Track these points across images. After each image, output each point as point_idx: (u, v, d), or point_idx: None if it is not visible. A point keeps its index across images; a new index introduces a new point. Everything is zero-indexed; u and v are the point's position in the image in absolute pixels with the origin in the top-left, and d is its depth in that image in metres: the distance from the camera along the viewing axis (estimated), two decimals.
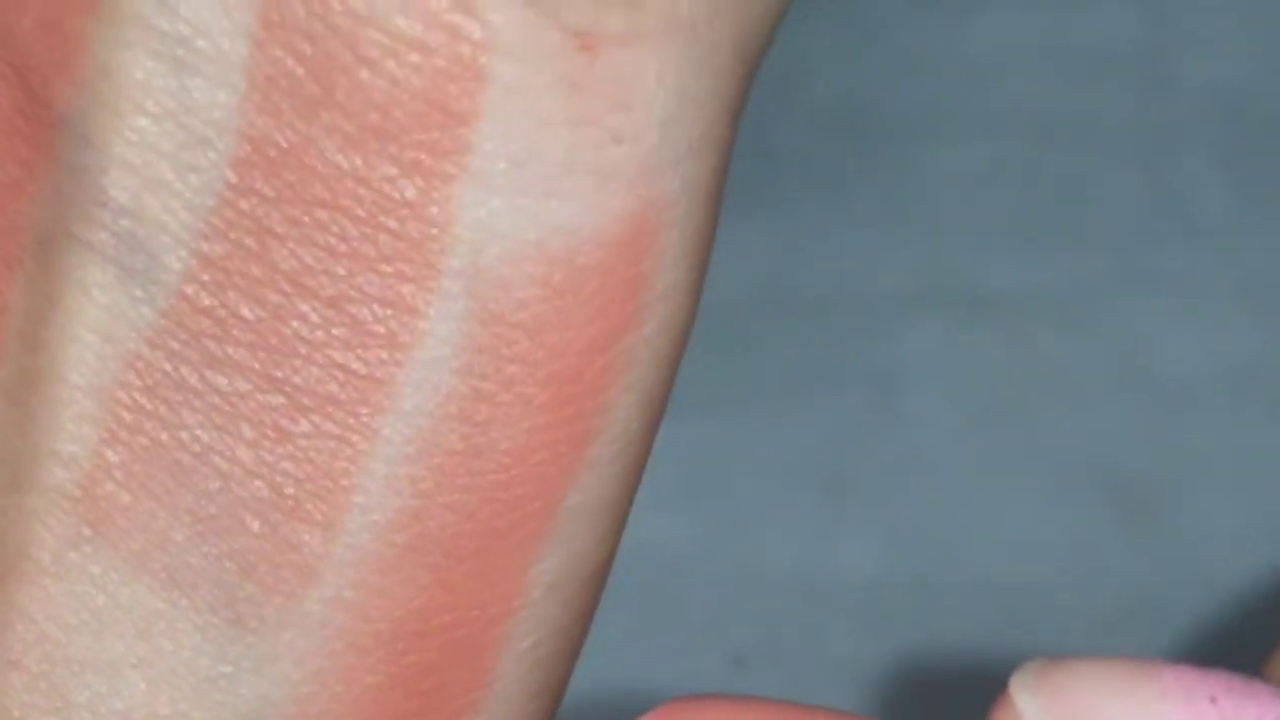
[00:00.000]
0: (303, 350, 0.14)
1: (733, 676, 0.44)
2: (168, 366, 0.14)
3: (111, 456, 0.14)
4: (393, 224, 0.13)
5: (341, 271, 0.14)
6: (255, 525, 0.14)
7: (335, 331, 0.14)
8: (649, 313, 0.15)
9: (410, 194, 0.13)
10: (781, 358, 0.47)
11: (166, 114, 0.13)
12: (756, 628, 0.45)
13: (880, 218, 0.48)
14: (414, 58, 0.13)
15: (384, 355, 0.14)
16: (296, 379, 0.14)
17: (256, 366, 0.14)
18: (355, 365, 0.14)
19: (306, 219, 0.13)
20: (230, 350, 0.14)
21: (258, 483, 0.14)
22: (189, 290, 0.14)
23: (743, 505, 0.46)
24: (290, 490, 0.14)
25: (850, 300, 0.47)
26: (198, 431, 0.14)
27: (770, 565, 0.46)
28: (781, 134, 0.49)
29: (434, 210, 0.13)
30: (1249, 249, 0.48)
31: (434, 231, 0.13)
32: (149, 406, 0.14)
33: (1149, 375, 0.47)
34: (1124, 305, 0.47)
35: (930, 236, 0.48)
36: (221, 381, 0.14)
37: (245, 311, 0.14)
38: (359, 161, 0.13)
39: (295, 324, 0.14)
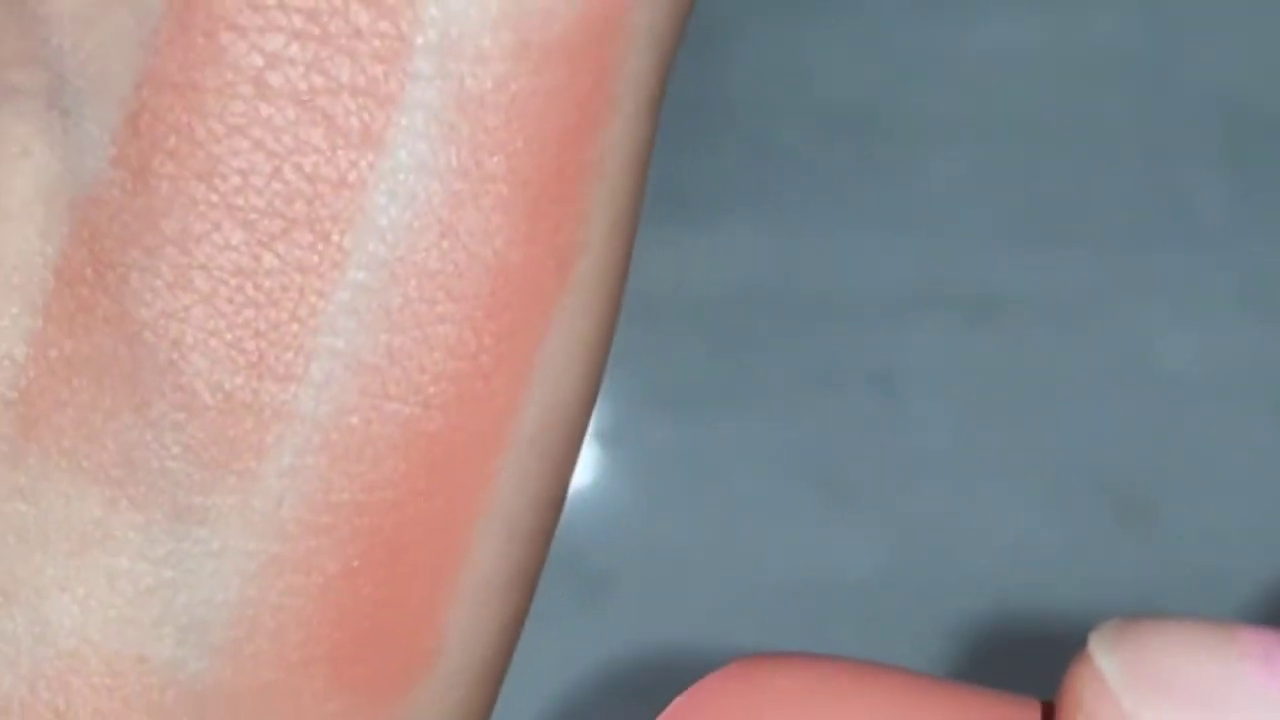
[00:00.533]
0: (267, 166, 0.12)
1: None
2: (115, 223, 0.12)
3: (50, 346, 0.12)
4: (356, 52, 0.12)
5: (308, 57, 0.12)
6: (207, 395, 0.12)
7: (303, 133, 0.12)
8: (618, 107, 0.13)
9: (384, 26, 0.12)
10: (782, 358, 0.47)
11: None
12: (756, 627, 0.45)
13: (882, 219, 0.48)
14: None
15: (356, 157, 0.12)
16: (259, 202, 0.12)
17: (214, 199, 0.12)
18: (324, 170, 0.12)
19: (262, 22, 0.12)
20: (182, 185, 0.12)
21: (213, 342, 0.12)
22: (137, 119, 0.12)
23: (743, 505, 0.46)
24: (250, 344, 0.12)
25: (851, 301, 0.48)
26: (146, 295, 0.12)
27: (770, 565, 0.46)
28: (783, 136, 0.49)
29: (401, 44, 0.12)
30: (1248, 251, 0.48)
31: (404, 17, 0.12)
32: (92, 276, 0.12)
33: (1148, 376, 0.47)
34: (1124, 307, 0.47)
35: (931, 238, 0.48)
36: (173, 226, 0.12)
37: (200, 130, 0.12)
38: None
39: (258, 132, 0.12)
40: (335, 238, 0.12)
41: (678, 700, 0.14)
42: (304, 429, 0.12)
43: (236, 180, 0.12)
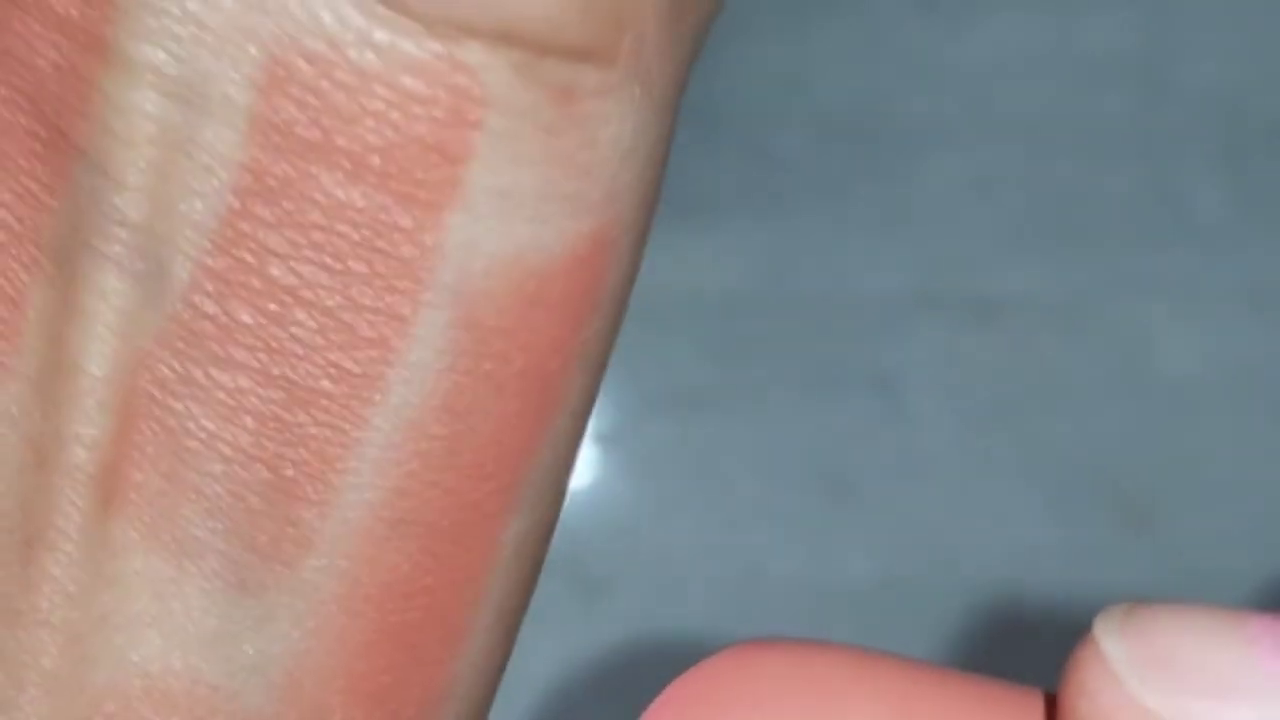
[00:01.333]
0: (300, 351, 0.15)
1: None
2: (176, 364, 0.15)
3: (126, 441, 0.15)
4: (386, 246, 0.15)
5: (336, 285, 0.15)
6: (256, 503, 0.15)
7: (330, 336, 0.15)
8: (602, 309, 0.16)
9: (405, 222, 0.15)
10: (783, 360, 0.47)
11: (174, 146, 0.15)
12: (756, 628, 0.45)
13: (882, 221, 0.48)
14: (418, 110, 0.15)
15: (375, 356, 0.15)
16: (294, 375, 0.15)
17: (256, 365, 0.15)
18: (349, 365, 0.15)
19: (303, 240, 0.15)
20: (233, 351, 0.15)
21: (258, 466, 0.15)
22: (195, 298, 0.15)
23: (743, 505, 0.47)
24: (289, 473, 0.15)
25: (852, 303, 0.48)
26: (204, 421, 0.15)
27: (770, 565, 0.46)
28: (784, 139, 0.49)
29: (426, 236, 0.15)
30: (1248, 253, 0.48)
31: (425, 253, 0.15)
32: (159, 397, 0.15)
33: (1148, 378, 0.47)
34: (1124, 308, 0.48)
35: (931, 240, 0.48)
36: (225, 378, 0.15)
37: (246, 318, 0.15)
38: (356, 194, 0.15)
39: (293, 329, 0.15)
40: (358, 409, 0.15)
41: (674, 683, 0.14)
42: (334, 542, 0.16)
43: (278, 357, 0.15)
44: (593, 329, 0.16)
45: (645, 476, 0.47)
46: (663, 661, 0.45)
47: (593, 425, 0.47)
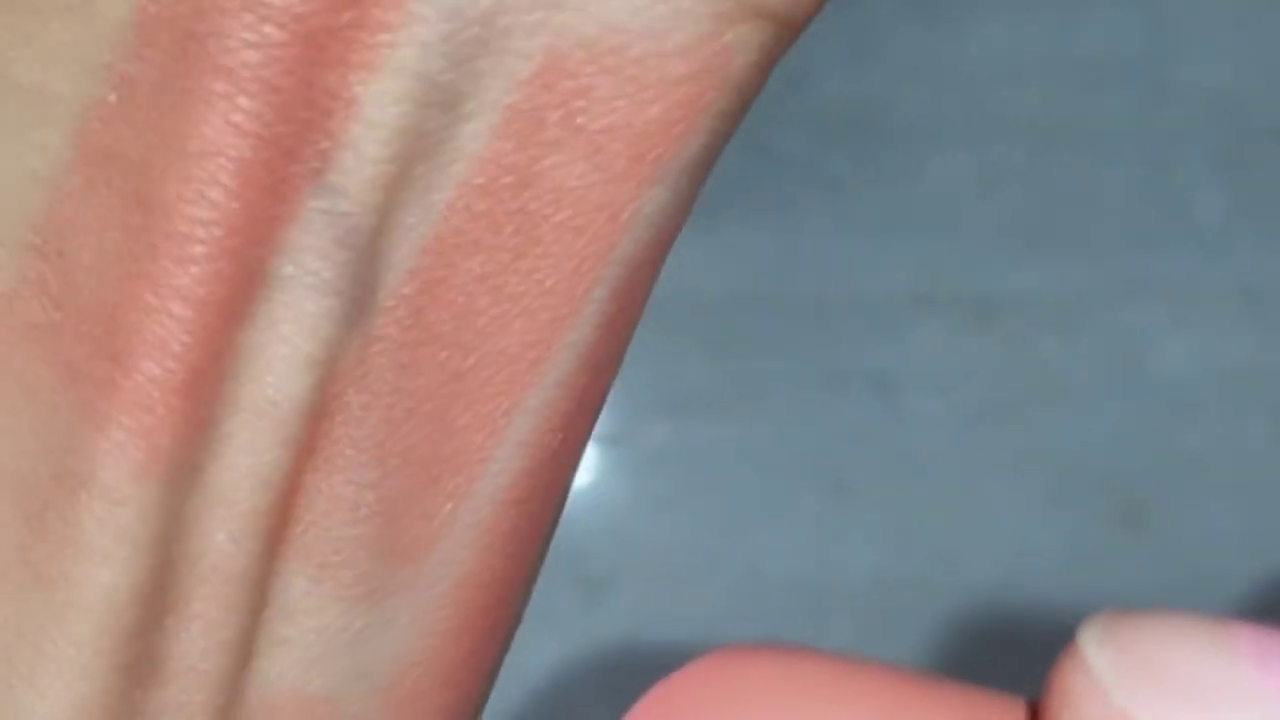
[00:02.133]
0: (474, 343, 0.15)
1: None
2: (364, 383, 0.14)
3: (306, 477, 0.15)
4: (583, 223, 0.14)
5: (526, 268, 0.14)
6: (402, 505, 0.15)
7: (508, 324, 0.15)
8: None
9: (610, 199, 0.14)
10: (782, 360, 0.47)
11: (419, 154, 0.14)
12: (756, 628, 0.45)
13: (882, 222, 0.48)
14: (667, 88, 0.14)
15: (543, 338, 0.15)
16: (463, 368, 0.15)
17: (437, 365, 0.15)
18: (515, 350, 0.15)
19: (517, 233, 0.14)
20: (420, 355, 0.15)
21: (413, 469, 0.15)
22: (395, 308, 0.14)
23: (743, 505, 0.47)
24: (436, 470, 0.15)
25: (851, 303, 0.48)
26: (375, 432, 0.15)
27: (770, 565, 0.46)
28: (784, 139, 0.49)
29: (625, 209, 0.14)
30: (1246, 254, 0.48)
31: (616, 229, 0.15)
32: (340, 422, 0.15)
33: (1146, 379, 0.47)
34: (1122, 309, 0.48)
35: (931, 241, 0.48)
36: (407, 384, 0.15)
37: (433, 317, 0.14)
38: (578, 175, 0.14)
39: (477, 319, 0.14)
40: (515, 395, 0.15)
41: (653, 689, 0.14)
42: (459, 534, 0.15)
43: (458, 354, 0.15)
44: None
45: (645, 476, 0.47)
46: (662, 661, 0.45)
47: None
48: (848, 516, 0.46)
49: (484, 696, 0.17)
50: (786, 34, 0.15)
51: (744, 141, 0.51)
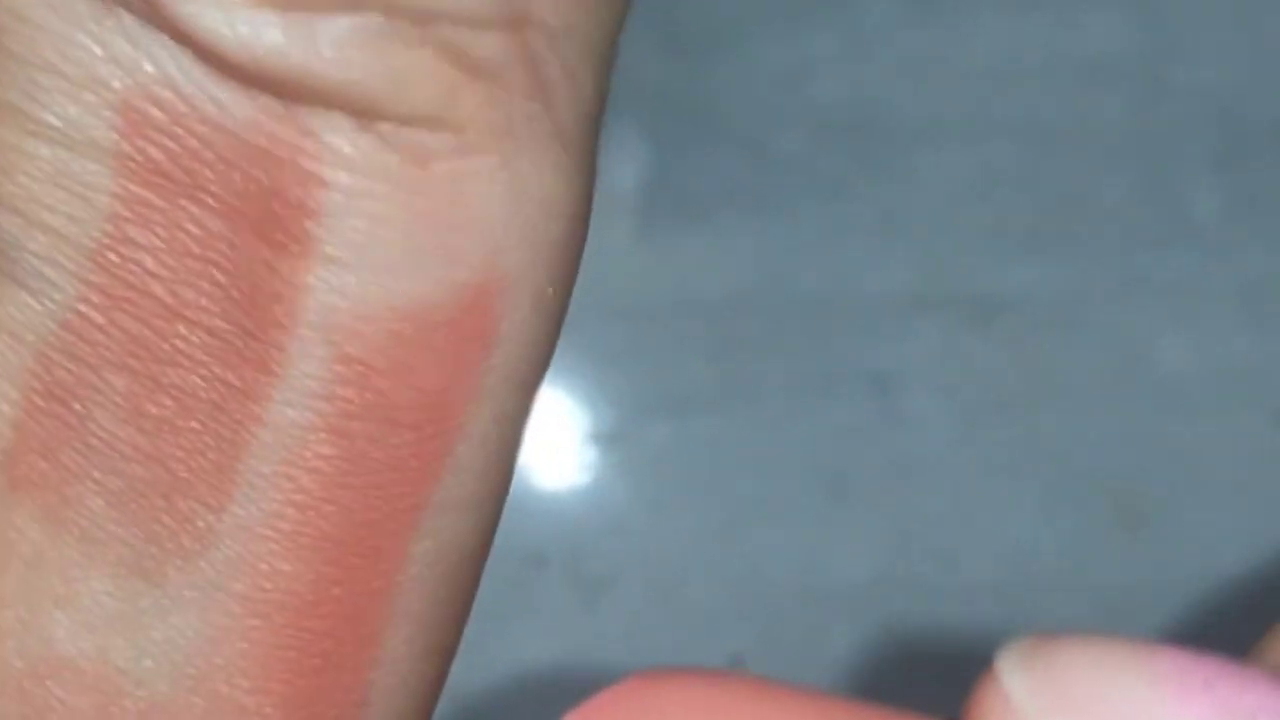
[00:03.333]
0: (185, 363, 0.16)
1: None
2: (70, 367, 0.16)
3: (28, 432, 0.16)
4: (259, 279, 0.15)
5: (216, 308, 0.16)
6: (157, 500, 0.16)
7: (215, 353, 0.16)
8: (499, 350, 0.16)
9: (272, 260, 0.15)
10: (781, 360, 0.47)
11: (46, 176, 0.15)
12: (756, 628, 0.45)
13: (880, 222, 0.48)
14: (266, 165, 0.15)
15: (258, 376, 0.16)
16: (183, 385, 0.16)
17: (147, 373, 0.16)
18: (233, 380, 0.16)
19: (180, 266, 0.15)
20: (124, 358, 0.16)
21: (155, 466, 0.16)
22: (82, 308, 0.16)
23: (743, 505, 0.47)
24: (183, 474, 0.16)
25: (850, 303, 0.48)
26: (101, 421, 0.16)
27: (770, 565, 0.46)
28: (782, 139, 0.49)
29: (294, 279, 0.15)
30: (1244, 253, 0.48)
31: (291, 293, 0.15)
32: (59, 396, 0.16)
33: (1145, 379, 0.47)
34: (1120, 309, 0.48)
35: (928, 241, 0.48)
36: (119, 383, 0.16)
37: (132, 328, 0.16)
38: (225, 227, 0.15)
39: (178, 342, 0.16)
40: (243, 423, 0.16)
41: (574, 712, 0.14)
42: (233, 545, 0.16)
43: (167, 367, 0.16)
44: (494, 364, 0.16)
45: (645, 476, 0.47)
46: (662, 661, 0.45)
47: (592, 425, 0.47)
48: (847, 516, 0.46)
49: None
50: None
51: (741, 141, 0.51)
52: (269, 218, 0.15)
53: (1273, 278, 0.48)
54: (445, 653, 0.18)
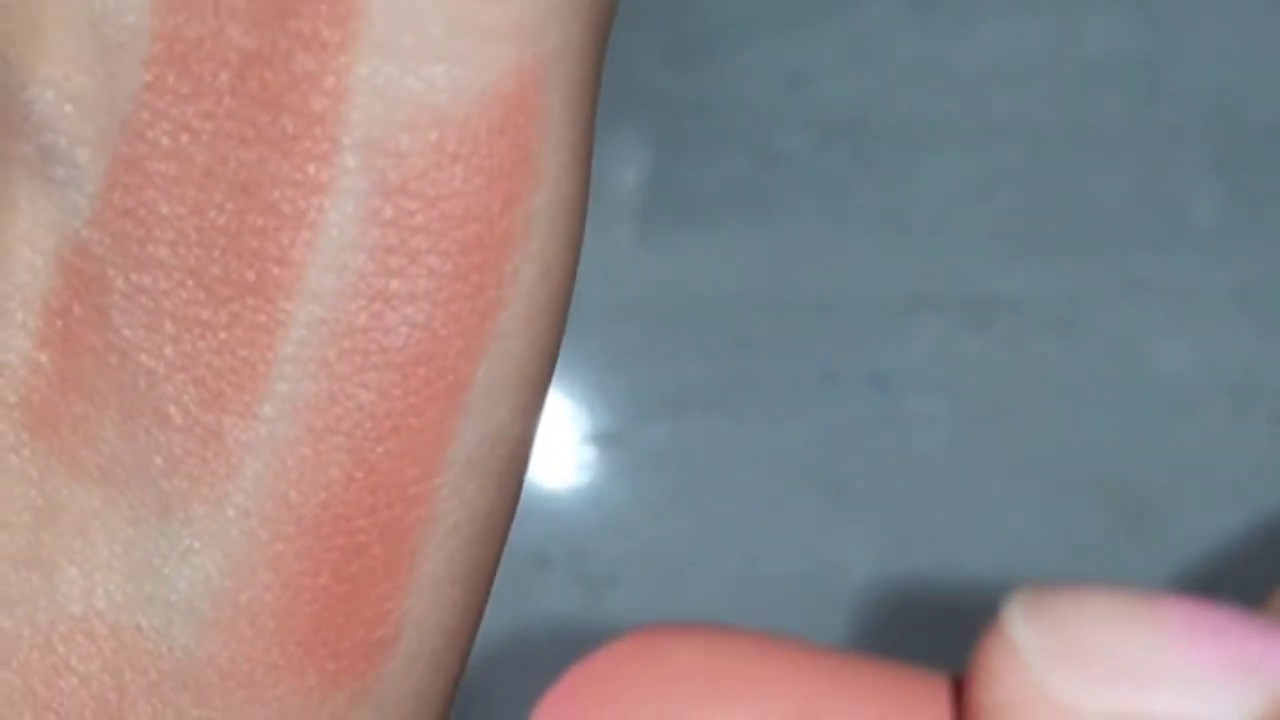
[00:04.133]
0: (220, 241, 0.15)
1: None
2: (94, 270, 0.15)
3: (45, 363, 0.15)
4: (295, 100, 0.14)
5: (252, 157, 0.14)
6: (179, 418, 0.15)
7: (249, 218, 0.15)
8: (541, 178, 0.15)
9: (310, 66, 0.14)
10: (781, 360, 0.48)
11: (83, 25, 0.14)
12: (756, 626, 0.45)
13: (880, 223, 0.48)
14: None
15: (294, 236, 0.15)
16: (214, 270, 0.15)
17: (177, 262, 0.15)
18: (269, 248, 0.15)
19: (218, 109, 0.14)
20: (152, 249, 0.15)
21: (181, 376, 0.15)
22: (111, 194, 0.15)
23: (743, 505, 0.47)
24: (211, 381, 0.15)
25: (850, 304, 0.48)
26: (125, 331, 0.15)
27: (769, 564, 0.46)
28: (782, 140, 0.49)
29: (330, 80, 0.14)
30: (1244, 254, 0.48)
31: (332, 103, 0.14)
32: (79, 311, 0.15)
33: (1144, 379, 0.47)
34: (1120, 310, 0.48)
35: (929, 241, 0.48)
36: (146, 280, 0.15)
37: (164, 209, 0.15)
38: (262, 41, 0.14)
39: (212, 214, 0.15)
40: (280, 302, 0.15)
41: (575, 667, 0.13)
42: (262, 456, 0.15)
43: (198, 250, 0.15)
44: (534, 202, 0.15)
45: (644, 476, 0.47)
46: None
47: (592, 425, 0.47)
48: (847, 516, 0.46)
49: (391, 684, 0.16)
50: None
51: (743, 143, 0.51)
52: (309, 9, 0.14)
53: (1273, 278, 0.48)
54: (482, 580, 0.16)
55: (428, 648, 0.16)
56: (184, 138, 0.14)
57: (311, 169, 0.14)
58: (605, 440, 0.47)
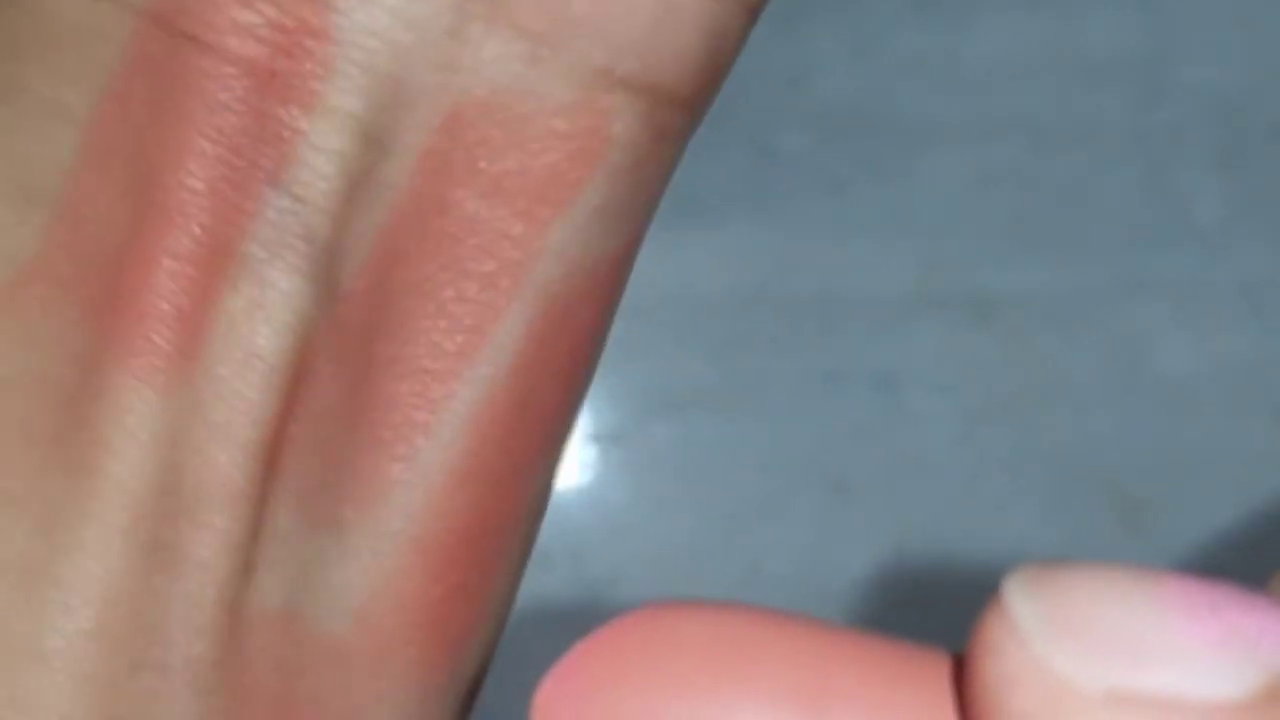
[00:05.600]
0: (411, 337, 0.18)
1: None
2: (331, 353, 0.18)
3: (285, 420, 0.18)
4: (498, 250, 0.18)
5: (451, 280, 0.18)
6: (354, 457, 0.18)
7: (438, 322, 0.18)
8: (612, 309, 0.19)
9: (517, 231, 0.18)
10: (783, 359, 0.48)
11: (356, 176, 0.18)
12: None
13: (881, 221, 0.48)
14: (555, 144, 0.18)
15: (471, 340, 0.18)
16: (402, 354, 0.18)
17: (379, 349, 0.18)
18: (448, 346, 0.18)
19: (437, 249, 0.18)
20: (369, 343, 0.18)
21: (363, 430, 0.18)
22: (353, 300, 0.18)
23: (743, 504, 0.47)
24: (385, 435, 0.18)
25: (851, 302, 0.48)
26: (336, 397, 0.18)
27: (770, 564, 0.46)
28: (783, 138, 0.49)
29: (534, 242, 0.18)
30: (1245, 253, 0.48)
31: (528, 257, 0.18)
32: (311, 383, 0.18)
33: (1145, 377, 0.47)
34: (1121, 308, 0.48)
35: (930, 240, 0.48)
36: (359, 361, 0.18)
37: (382, 314, 0.18)
38: (486, 208, 0.18)
39: (413, 318, 0.18)
40: (448, 383, 0.18)
41: (581, 643, 0.13)
42: (409, 493, 0.18)
43: (395, 344, 0.18)
44: (605, 329, 0.19)
45: (645, 476, 0.47)
46: None
47: (593, 425, 0.47)
48: (848, 515, 0.47)
49: (469, 662, 0.20)
50: (672, 109, 0.18)
51: (744, 141, 0.51)
52: (534, 190, 0.18)
53: (1273, 278, 0.48)
54: (516, 589, 0.20)
55: (487, 643, 0.20)
56: (407, 265, 0.18)
57: (495, 298, 0.18)
58: (606, 440, 0.47)
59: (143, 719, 0.18)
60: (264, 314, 0.18)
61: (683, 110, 0.19)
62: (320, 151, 0.17)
